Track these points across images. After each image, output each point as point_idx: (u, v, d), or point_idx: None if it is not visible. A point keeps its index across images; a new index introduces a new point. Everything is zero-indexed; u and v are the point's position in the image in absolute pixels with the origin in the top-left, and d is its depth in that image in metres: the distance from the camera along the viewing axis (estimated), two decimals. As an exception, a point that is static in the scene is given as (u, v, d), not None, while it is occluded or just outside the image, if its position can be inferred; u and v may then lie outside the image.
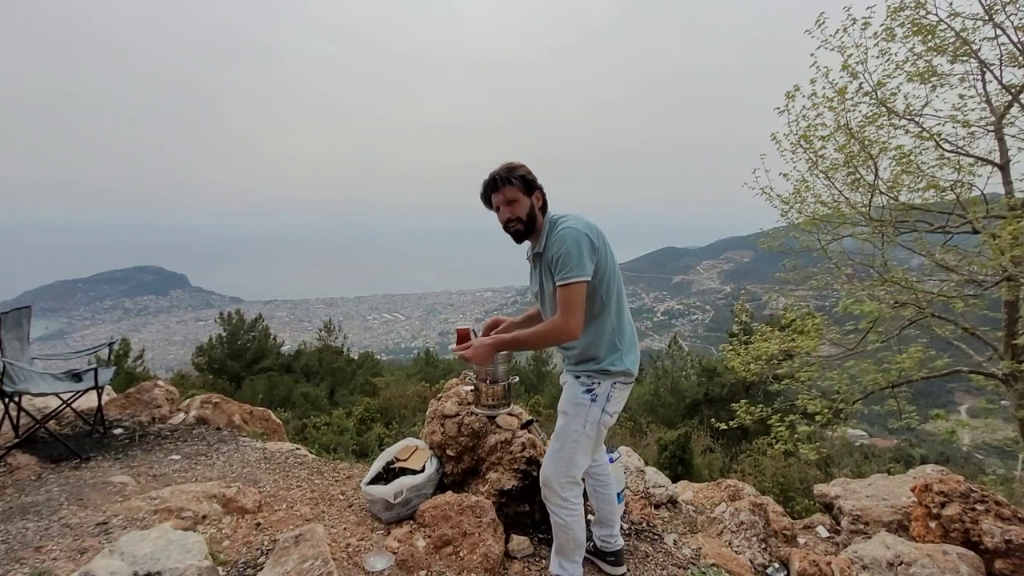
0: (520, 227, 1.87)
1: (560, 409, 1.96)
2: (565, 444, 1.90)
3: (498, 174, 1.85)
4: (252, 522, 2.38)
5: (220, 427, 3.70)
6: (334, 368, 22.39)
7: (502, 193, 1.85)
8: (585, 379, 1.91)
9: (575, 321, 1.75)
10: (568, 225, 1.80)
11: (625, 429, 10.67)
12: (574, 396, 1.91)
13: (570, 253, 1.75)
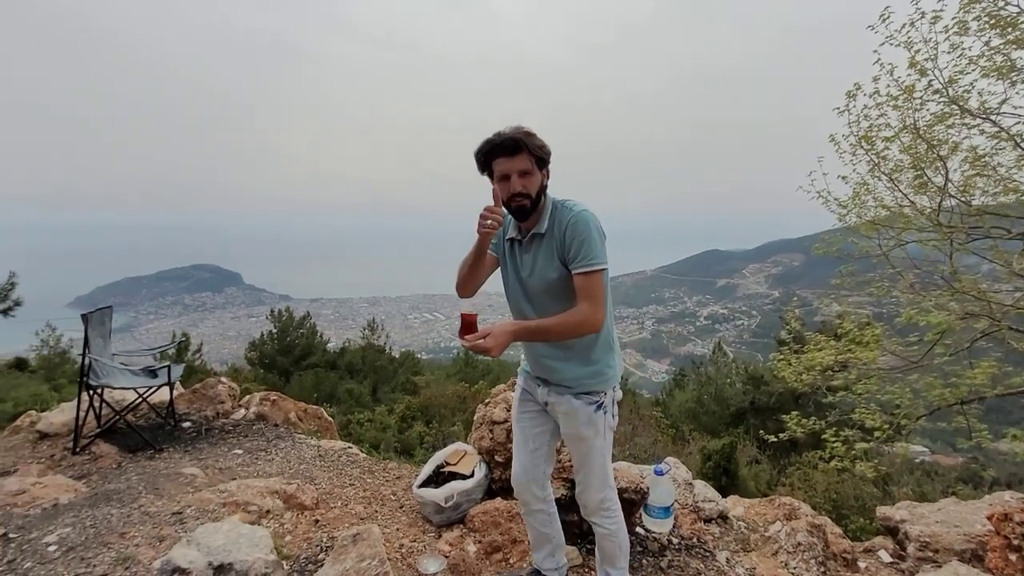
0: (527, 203, 1.63)
1: (573, 436, 1.79)
2: (596, 465, 1.79)
3: (516, 137, 1.57)
4: (311, 518, 2.49)
5: (277, 424, 3.88)
6: (377, 366, 23.00)
7: (519, 160, 1.59)
8: (586, 397, 1.74)
9: (602, 312, 1.61)
10: (585, 208, 1.64)
11: (667, 436, 10.46)
12: (588, 417, 1.74)
13: (594, 239, 1.59)
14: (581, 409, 1.74)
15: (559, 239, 1.63)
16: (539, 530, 2.02)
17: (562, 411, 1.79)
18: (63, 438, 3.36)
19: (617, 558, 1.93)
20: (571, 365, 1.74)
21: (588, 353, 1.73)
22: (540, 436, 1.91)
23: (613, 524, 1.88)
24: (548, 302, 1.71)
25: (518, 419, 1.94)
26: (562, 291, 1.68)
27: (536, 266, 1.70)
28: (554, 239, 1.65)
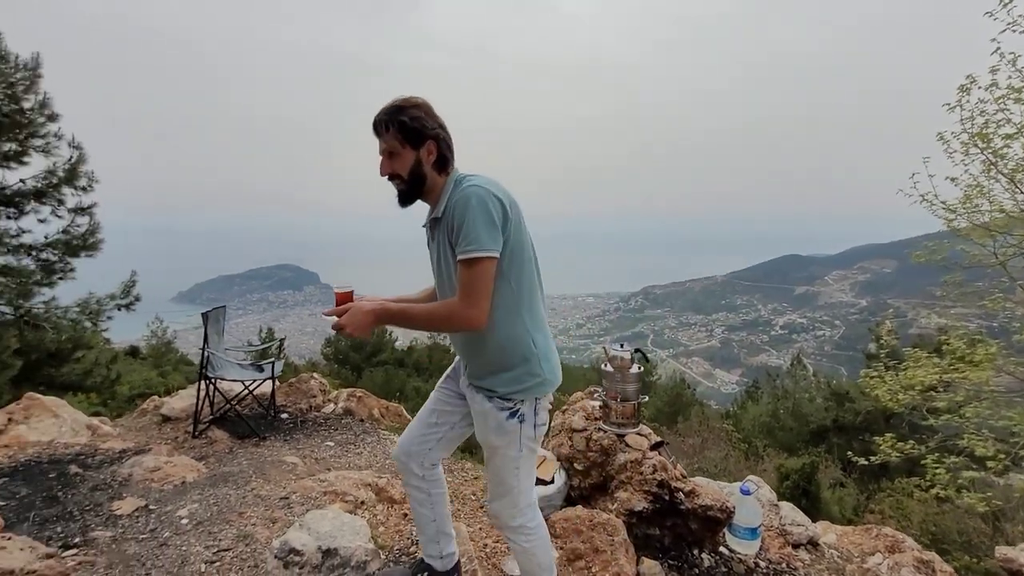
0: (402, 187, 1.50)
1: (484, 441, 1.61)
2: (507, 477, 1.60)
3: (378, 116, 1.46)
4: (400, 512, 2.65)
5: (363, 419, 4.14)
6: (443, 365, 23.67)
7: (382, 140, 1.48)
8: (499, 401, 1.54)
9: (478, 308, 1.40)
10: (474, 184, 1.42)
11: (739, 451, 9.99)
12: (498, 424, 1.55)
13: (474, 220, 1.37)
14: (491, 413, 1.55)
15: (449, 222, 1.44)
16: (417, 509, 1.83)
17: (475, 410, 1.61)
18: (183, 422, 3.77)
19: (540, 571, 1.73)
20: (482, 365, 1.56)
21: (499, 357, 1.52)
22: (446, 416, 1.73)
23: (528, 542, 1.68)
24: (451, 293, 1.51)
25: (436, 389, 1.78)
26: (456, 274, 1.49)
27: (439, 254, 1.53)
28: (446, 222, 1.46)
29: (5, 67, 8.26)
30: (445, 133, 1.51)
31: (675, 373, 20.78)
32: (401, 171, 1.48)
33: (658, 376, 24.01)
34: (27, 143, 8.46)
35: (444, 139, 1.50)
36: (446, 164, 1.52)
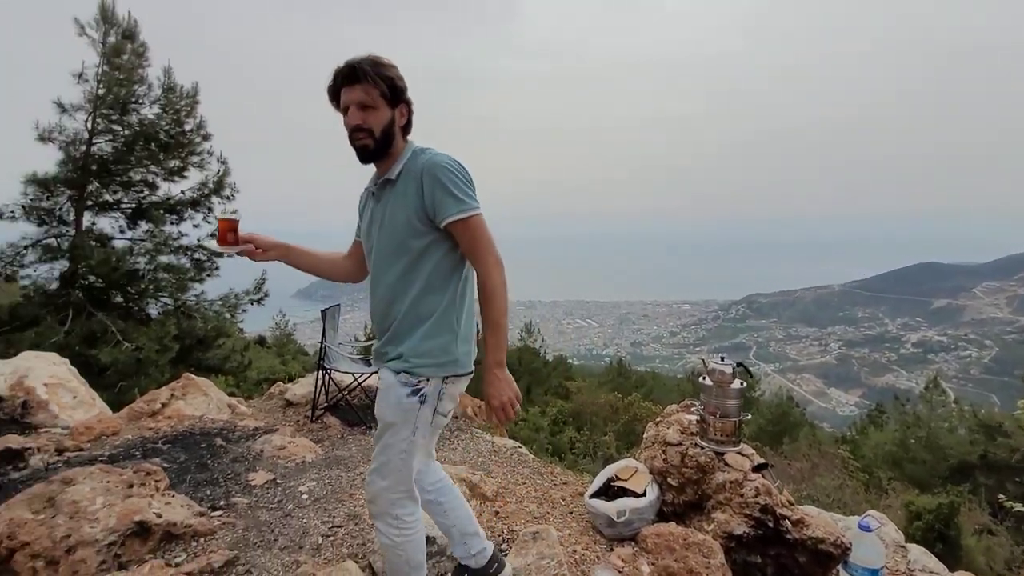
0: (369, 142, 1.45)
1: (379, 416, 1.54)
2: (392, 457, 1.52)
3: (359, 63, 1.41)
4: (491, 509, 2.75)
5: (457, 416, 4.33)
6: (532, 368, 23.91)
7: (358, 90, 1.42)
8: (405, 376, 1.47)
9: (497, 256, 1.44)
10: (441, 152, 1.46)
11: (857, 482, 8.97)
12: (397, 400, 1.48)
13: (458, 182, 1.41)
14: (394, 387, 1.49)
15: (415, 181, 1.44)
16: (439, 520, 1.84)
17: (381, 387, 1.55)
18: (303, 407, 4.21)
19: (405, 574, 1.65)
20: (399, 329, 1.50)
21: (418, 322, 1.48)
22: None
23: (400, 536, 1.58)
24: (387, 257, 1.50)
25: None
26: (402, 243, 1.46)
27: (388, 211, 1.49)
28: (407, 183, 1.45)
29: (173, 96, 9.76)
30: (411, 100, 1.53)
31: (781, 389, 19.16)
32: (375, 126, 1.44)
33: (761, 392, 22.27)
34: (187, 160, 9.92)
35: (412, 105, 1.52)
36: (409, 130, 1.54)
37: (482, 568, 1.90)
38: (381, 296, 1.53)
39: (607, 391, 19.89)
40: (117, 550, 1.99)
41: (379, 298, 1.54)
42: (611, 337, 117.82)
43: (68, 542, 1.92)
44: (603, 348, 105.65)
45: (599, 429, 15.37)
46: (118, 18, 9.42)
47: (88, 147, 9.36)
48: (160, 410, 3.64)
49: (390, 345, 1.52)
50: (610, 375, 24.36)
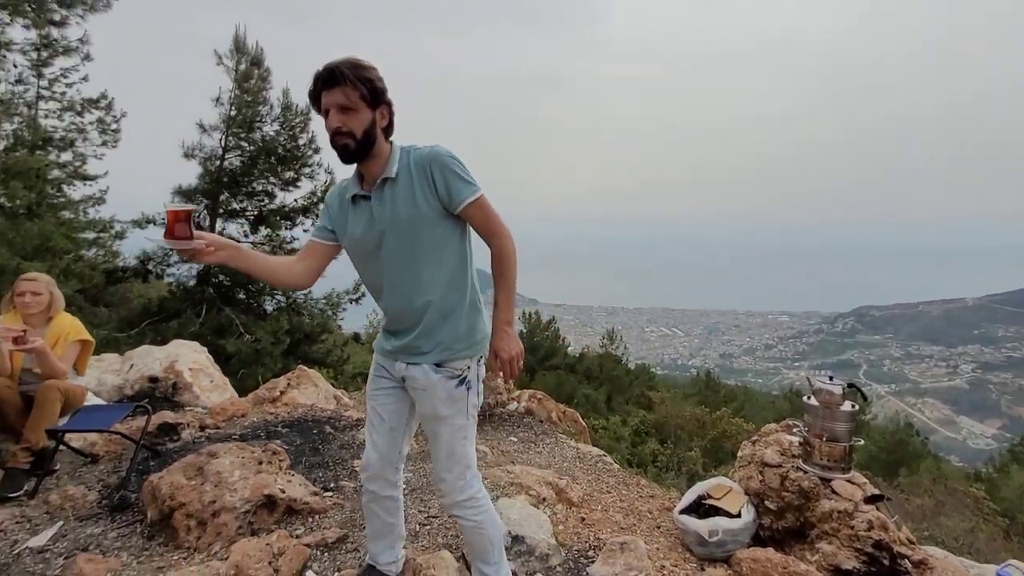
0: (350, 143, 1.44)
1: (431, 415, 1.59)
2: (456, 448, 1.62)
3: (338, 65, 1.41)
4: (577, 515, 2.77)
5: (542, 420, 4.40)
6: (613, 375, 23.47)
7: (338, 93, 1.41)
8: (447, 369, 1.55)
9: (507, 229, 1.54)
10: (442, 147, 1.50)
11: (994, 526, 7.82)
12: (447, 393, 1.55)
13: (461, 168, 1.48)
14: (440, 384, 1.55)
15: (423, 173, 1.48)
16: (384, 519, 1.82)
17: (419, 386, 1.57)
18: (398, 402, 4.50)
19: (489, 552, 1.73)
20: (434, 326, 1.54)
21: (451, 312, 1.55)
22: (398, 415, 1.71)
23: (479, 515, 1.67)
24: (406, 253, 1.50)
25: (372, 396, 1.72)
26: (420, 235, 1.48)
27: (396, 207, 1.49)
28: (412, 176, 1.49)
29: (290, 115, 10.85)
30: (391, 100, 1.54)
31: (897, 414, 17.15)
32: (355, 128, 1.44)
33: (873, 415, 20.11)
34: (300, 171, 10.98)
35: (393, 106, 1.53)
36: (392, 131, 1.54)
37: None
38: (405, 292, 1.54)
39: (693, 404, 19.00)
40: (250, 518, 2.28)
41: (402, 294, 1.54)
42: (698, 347, 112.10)
43: (213, 507, 2.23)
44: (689, 359, 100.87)
45: (684, 443, 14.72)
46: (248, 47, 10.66)
47: (221, 162, 10.68)
48: (279, 397, 4.07)
49: (423, 339, 1.55)
50: (696, 387, 23.24)
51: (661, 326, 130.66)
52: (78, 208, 11.31)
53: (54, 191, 10.71)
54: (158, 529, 2.28)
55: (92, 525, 2.37)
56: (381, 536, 1.86)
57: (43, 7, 7.74)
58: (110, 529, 2.34)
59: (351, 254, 1.63)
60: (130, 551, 2.19)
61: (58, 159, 11.14)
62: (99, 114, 11.93)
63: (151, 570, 2.07)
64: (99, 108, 11.93)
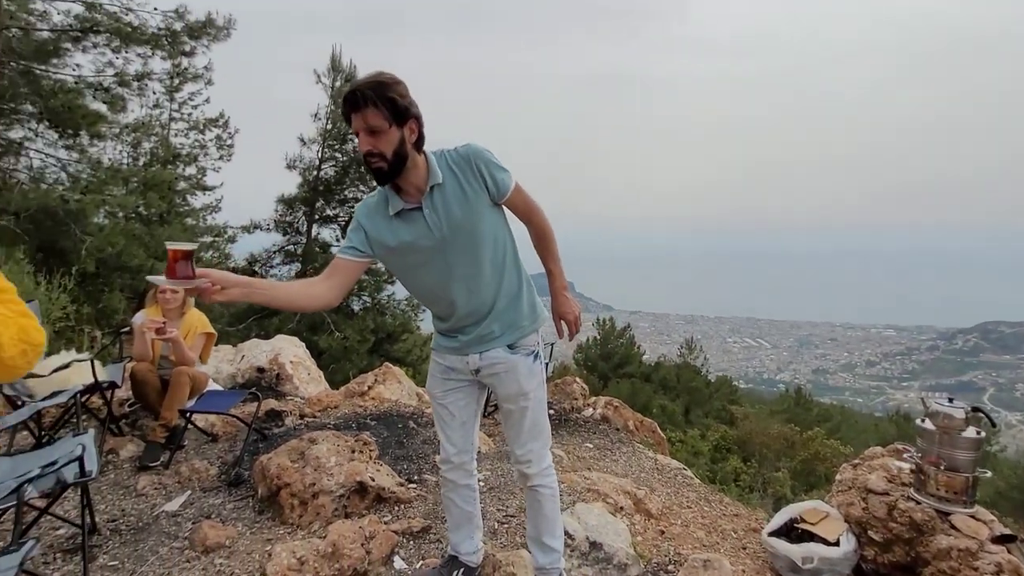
0: (383, 165, 1.44)
1: (516, 394, 1.69)
2: (539, 418, 1.75)
3: (361, 88, 1.39)
4: (656, 527, 2.70)
5: (618, 428, 4.32)
6: (691, 387, 22.45)
7: (364, 115, 1.40)
8: (521, 347, 1.67)
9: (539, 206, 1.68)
10: (473, 142, 1.58)
11: None
12: (528, 370, 1.68)
13: (497, 159, 1.57)
14: (520, 362, 1.67)
15: (468, 170, 1.55)
16: (463, 508, 1.91)
17: (500, 370, 1.67)
18: (475, 403, 4.63)
19: (556, 524, 1.87)
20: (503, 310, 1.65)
21: (515, 296, 1.67)
22: (468, 408, 1.80)
23: (554, 481, 1.83)
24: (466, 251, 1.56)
25: (442, 397, 1.78)
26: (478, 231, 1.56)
27: (451, 209, 1.53)
28: (456, 176, 1.55)
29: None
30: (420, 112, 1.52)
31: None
32: (386, 149, 1.43)
33: (1001, 446, 17.67)
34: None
35: (422, 118, 1.51)
36: (423, 143, 1.53)
37: (476, 568, 1.98)
38: (475, 287, 1.60)
39: (781, 422, 17.72)
40: (344, 502, 2.47)
41: (472, 290, 1.60)
42: (787, 361, 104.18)
43: (313, 488, 2.44)
44: (776, 373, 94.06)
45: (770, 463, 13.75)
46: (342, 65, 11.49)
47: (318, 172, 11.57)
48: (367, 391, 4.34)
49: (495, 324, 1.65)
50: (785, 404, 21.62)
51: (745, 336, 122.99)
52: (199, 215, 12.78)
53: (180, 201, 12.17)
54: (267, 504, 2.53)
55: (213, 496, 2.68)
56: (461, 526, 1.94)
57: (177, 40, 8.85)
58: (227, 501, 2.63)
59: (400, 266, 1.68)
60: (244, 522, 2.46)
61: (184, 172, 12.67)
62: (217, 131, 13.43)
63: (261, 541, 2.30)
64: (217, 126, 13.43)
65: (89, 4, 8.01)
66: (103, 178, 8.35)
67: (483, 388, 1.81)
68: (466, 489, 1.88)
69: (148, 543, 2.30)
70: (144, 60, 8.98)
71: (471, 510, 1.92)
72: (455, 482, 1.86)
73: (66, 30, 8.16)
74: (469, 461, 1.85)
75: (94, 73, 8.49)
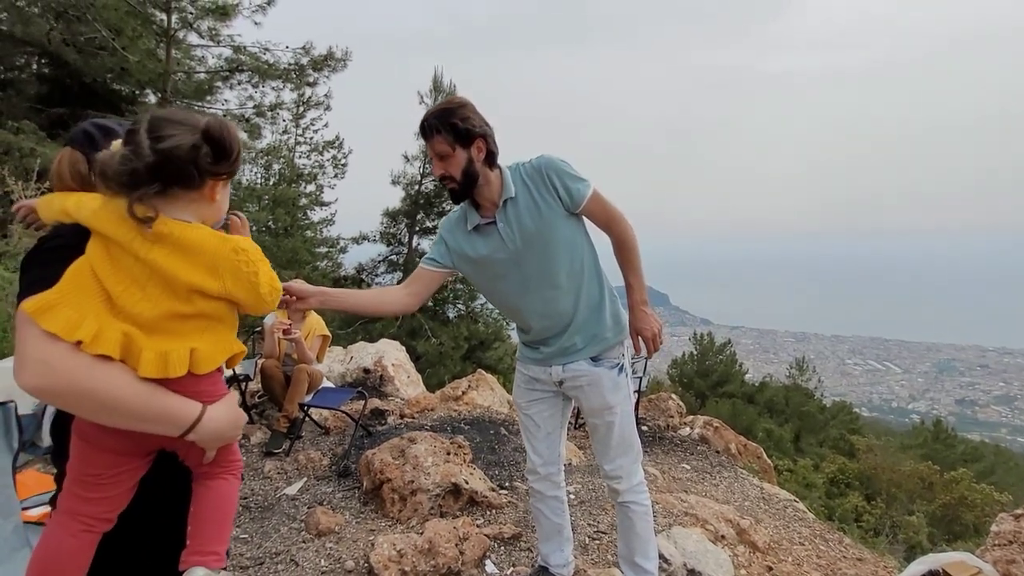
0: (455, 187, 1.53)
1: (601, 408, 1.65)
2: (628, 432, 1.70)
3: (427, 118, 1.50)
4: (763, 562, 2.49)
5: (719, 451, 4.06)
6: (803, 411, 20.44)
7: (433, 143, 1.50)
8: (606, 360, 1.65)
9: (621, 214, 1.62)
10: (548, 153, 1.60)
11: None
12: (613, 383, 1.65)
13: (571, 168, 1.58)
14: (604, 375, 1.64)
15: (541, 182, 1.56)
16: (552, 520, 1.88)
17: (584, 383, 1.65)
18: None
19: (650, 546, 1.80)
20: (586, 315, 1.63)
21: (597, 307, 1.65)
22: (553, 419, 1.79)
23: (647, 499, 1.77)
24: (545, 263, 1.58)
25: (527, 407, 1.79)
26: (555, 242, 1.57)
27: (523, 222, 1.56)
28: (529, 189, 1.57)
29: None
30: (491, 129, 1.55)
31: None
32: (455, 172, 1.51)
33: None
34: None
35: (491, 135, 1.54)
36: (495, 159, 1.57)
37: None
38: (551, 298, 1.61)
39: (915, 458, 15.57)
40: (439, 501, 2.57)
41: (548, 301, 1.62)
42: (922, 389, 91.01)
43: (412, 486, 2.57)
44: (908, 402, 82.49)
45: (901, 504, 12.11)
46: (443, 85, 12.15)
47: (419, 187, 12.29)
48: (461, 396, 4.50)
49: (576, 336, 1.64)
50: (920, 438, 18.95)
51: (869, 359, 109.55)
52: (317, 228, 14.15)
53: (302, 216, 13.58)
54: (371, 497, 2.71)
55: (325, 484, 2.93)
56: (550, 537, 1.93)
57: (303, 73, 9.96)
58: (337, 490, 2.86)
59: (481, 278, 1.73)
60: (351, 511, 2.65)
61: (305, 190, 14.13)
62: (333, 152, 14.83)
63: (365, 530, 2.47)
64: (334, 147, 14.82)
65: (236, 47, 9.28)
66: (242, 196, 9.57)
67: (568, 400, 1.79)
68: (554, 501, 1.87)
69: (272, 521, 2.57)
70: (277, 92, 10.20)
71: (560, 522, 1.90)
72: (542, 493, 1.86)
73: (218, 71, 9.52)
74: (556, 472, 1.84)
75: (238, 106, 9.81)
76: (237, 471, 0.97)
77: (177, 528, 0.93)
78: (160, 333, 0.80)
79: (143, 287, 0.80)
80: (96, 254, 0.81)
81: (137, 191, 0.78)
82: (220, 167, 0.86)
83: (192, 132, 0.82)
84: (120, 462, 0.85)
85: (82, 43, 8.32)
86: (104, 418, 0.79)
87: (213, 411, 0.86)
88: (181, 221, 0.83)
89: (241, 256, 0.85)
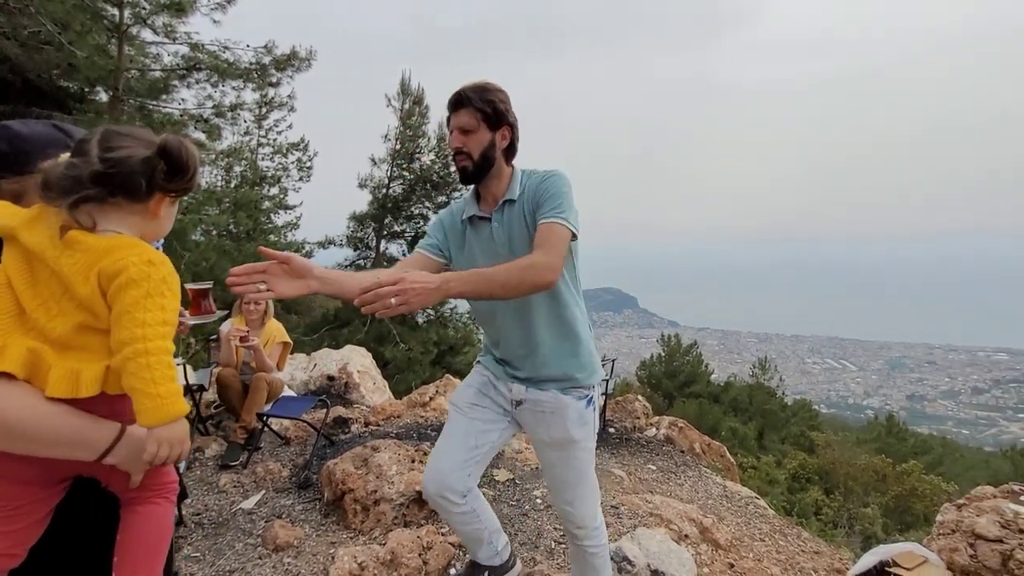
0: (468, 164, 1.45)
1: (562, 440, 1.50)
2: (587, 472, 1.56)
3: (464, 89, 1.45)
4: (725, 559, 2.53)
5: (683, 451, 4.12)
6: (765, 409, 21.08)
7: (462, 115, 1.44)
8: (577, 391, 1.51)
9: (557, 261, 1.31)
10: (560, 172, 1.47)
11: None
12: (579, 416, 1.50)
13: (568, 195, 1.43)
14: (571, 405, 1.50)
15: (530, 198, 1.46)
16: (466, 529, 1.70)
17: (548, 409, 1.51)
18: (534, 417, 4.60)
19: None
20: (557, 350, 1.50)
21: (575, 334, 1.51)
22: (486, 435, 1.59)
23: (603, 539, 1.67)
24: None
25: (467, 408, 1.61)
26: None
27: (513, 230, 1.48)
28: (527, 198, 1.47)
29: (443, 145, 11.92)
30: (517, 123, 1.51)
31: None
32: (473, 149, 1.45)
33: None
34: (451, 196, 11.94)
35: (517, 128, 1.51)
36: (514, 153, 1.53)
37: (505, 562, 1.87)
38: (523, 320, 1.48)
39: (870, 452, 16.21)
40: (403, 510, 2.52)
41: (521, 323, 1.49)
42: (876, 385, 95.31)
43: (375, 496, 2.51)
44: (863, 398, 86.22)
45: (857, 497, 12.59)
46: (411, 89, 12.04)
47: (387, 190, 12.12)
48: (428, 402, 4.44)
49: (546, 368, 1.49)
50: (874, 432, 19.79)
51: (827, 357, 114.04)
52: (280, 232, 13.75)
53: (265, 219, 13.18)
54: (332, 508, 2.63)
55: (284, 497, 2.82)
56: (475, 542, 1.77)
57: (265, 73, 9.70)
58: (297, 502, 2.77)
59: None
60: (311, 524, 2.56)
61: (268, 193, 13.73)
62: (298, 154, 14.48)
63: (326, 543, 2.39)
64: (298, 150, 14.47)
65: (193, 45, 8.96)
66: (200, 199, 9.21)
67: (513, 430, 1.63)
68: (460, 515, 1.63)
69: (226, 538, 2.46)
70: (237, 92, 9.89)
71: (477, 527, 1.70)
72: (443, 509, 1.61)
73: (174, 69, 9.16)
74: (453, 494, 1.57)
75: (196, 106, 9.46)
76: (171, 494, 0.90)
77: (101, 560, 0.85)
78: (73, 350, 0.75)
79: (58, 300, 0.75)
80: (13, 265, 0.75)
81: (76, 195, 0.74)
82: (173, 183, 0.83)
83: (147, 147, 0.80)
84: (27, 492, 0.77)
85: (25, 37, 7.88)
86: (5, 444, 0.71)
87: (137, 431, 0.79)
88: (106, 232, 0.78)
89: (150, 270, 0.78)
